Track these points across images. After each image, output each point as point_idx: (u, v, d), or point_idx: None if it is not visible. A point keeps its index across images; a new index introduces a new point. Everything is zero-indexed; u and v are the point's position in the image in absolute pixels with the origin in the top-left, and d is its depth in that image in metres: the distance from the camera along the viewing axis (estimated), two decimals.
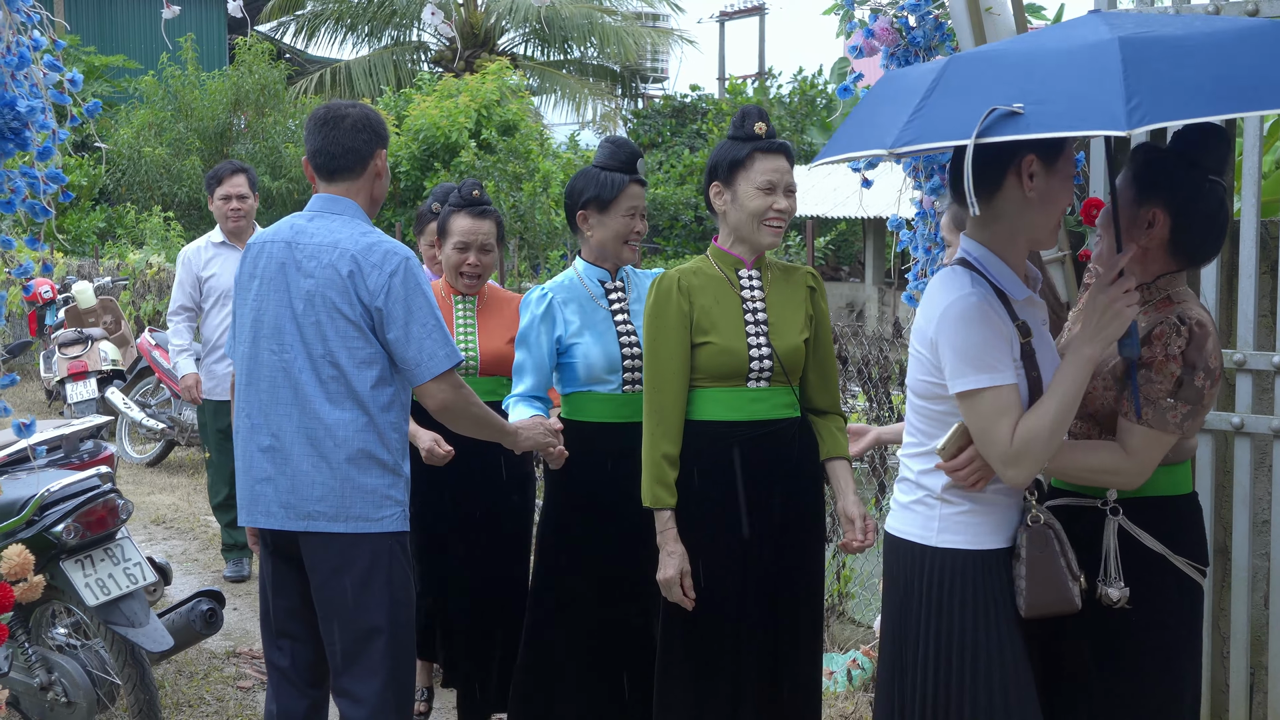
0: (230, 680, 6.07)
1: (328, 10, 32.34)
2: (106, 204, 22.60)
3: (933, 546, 3.13)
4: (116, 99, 25.37)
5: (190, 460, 11.53)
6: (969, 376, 2.99)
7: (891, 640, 3.26)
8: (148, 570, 4.93)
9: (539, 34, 32.07)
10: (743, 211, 3.93)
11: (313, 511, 3.84)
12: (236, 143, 22.78)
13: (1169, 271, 3.20)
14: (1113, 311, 2.96)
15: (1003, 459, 2.98)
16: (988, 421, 2.99)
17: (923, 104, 2.80)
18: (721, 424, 3.93)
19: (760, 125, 3.94)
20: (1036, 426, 2.96)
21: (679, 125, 28.81)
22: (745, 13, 41.72)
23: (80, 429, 5.57)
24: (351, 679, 3.91)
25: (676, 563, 3.87)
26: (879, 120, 2.99)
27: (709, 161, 4.03)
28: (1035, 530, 3.09)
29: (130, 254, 16.41)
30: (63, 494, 4.79)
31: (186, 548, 8.60)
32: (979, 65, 2.85)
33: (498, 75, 22.12)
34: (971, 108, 2.71)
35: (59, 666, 4.87)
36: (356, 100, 4.02)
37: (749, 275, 4.01)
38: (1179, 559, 3.17)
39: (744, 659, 3.92)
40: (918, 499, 3.19)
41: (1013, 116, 2.64)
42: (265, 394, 3.89)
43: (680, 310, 3.91)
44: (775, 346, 3.93)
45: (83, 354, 12.11)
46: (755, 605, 3.92)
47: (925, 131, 2.78)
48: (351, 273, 3.81)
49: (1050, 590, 3.07)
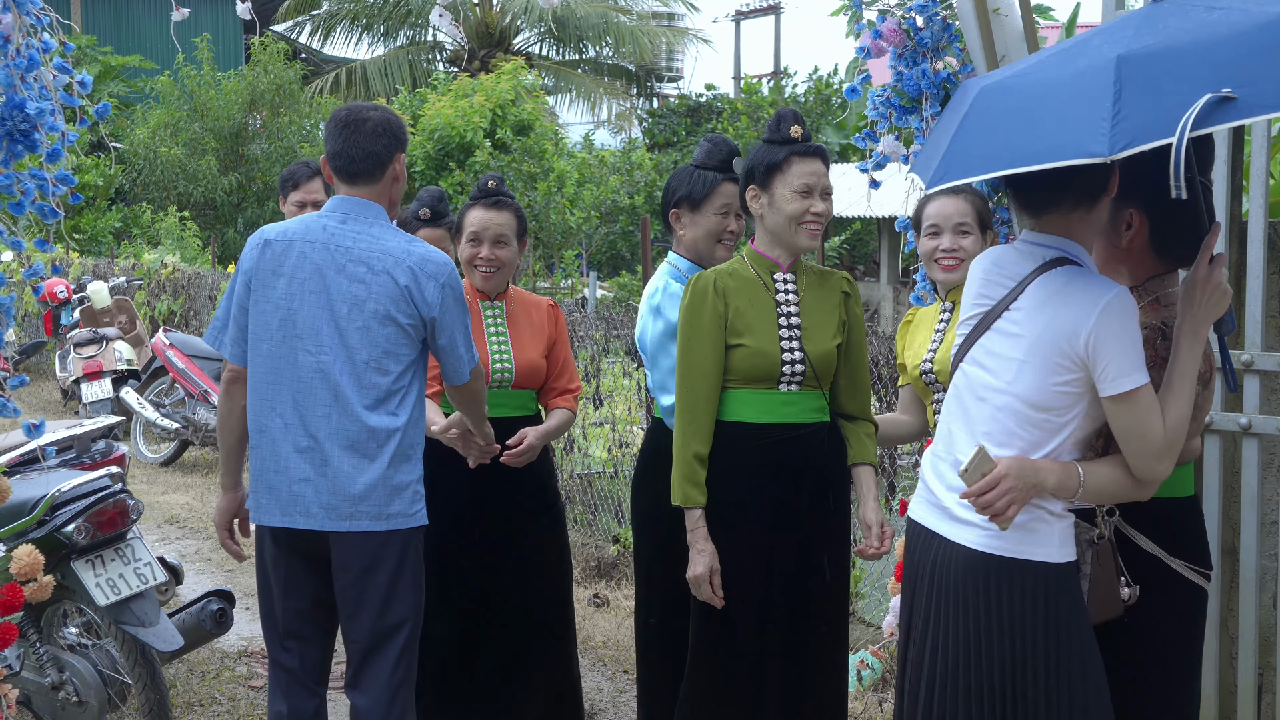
0: (242, 680, 6.09)
1: (343, 10, 32.44)
2: (122, 204, 22.68)
3: (1058, 563, 3.04)
4: (133, 99, 25.46)
5: (205, 460, 11.56)
6: (1134, 374, 2.93)
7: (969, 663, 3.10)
8: (158, 570, 4.95)
9: (554, 34, 32.14)
10: (780, 215, 3.93)
11: (356, 512, 3.88)
12: (252, 143, 22.84)
13: (1158, 273, 3.21)
14: (1216, 296, 2.99)
15: (1158, 453, 2.95)
16: (1145, 418, 2.94)
17: (1119, 104, 2.67)
18: (751, 425, 3.94)
19: (796, 128, 3.94)
20: (1178, 414, 2.96)
21: (694, 125, 28.82)
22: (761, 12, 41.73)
23: (92, 429, 5.59)
24: (369, 675, 3.95)
25: (707, 560, 3.88)
26: (1046, 130, 2.84)
27: (744, 165, 4.03)
28: (1102, 548, 3.10)
29: (145, 254, 16.46)
30: (73, 494, 4.81)
31: (200, 547, 8.62)
32: (1155, 60, 2.73)
33: (512, 75, 22.14)
34: (1178, 102, 2.62)
35: (70, 666, 4.89)
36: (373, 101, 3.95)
37: (784, 279, 4.01)
38: (1176, 561, 3.15)
39: (768, 659, 3.93)
40: (1034, 517, 3.04)
41: (1227, 101, 2.58)
42: (301, 394, 3.91)
43: (716, 311, 3.92)
44: (808, 351, 3.93)
45: (98, 354, 12.18)
46: (780, 606, 3.93)
47: (1142, 131, 2.62)
48: (409, 285, 3.89)
49: (1111, 602, 3.11)
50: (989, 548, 3.06)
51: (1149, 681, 3.18)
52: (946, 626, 3.14)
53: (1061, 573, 3.04)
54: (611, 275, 20.70)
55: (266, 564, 4.05)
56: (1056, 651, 3.00)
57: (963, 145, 3.06)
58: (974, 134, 3.05)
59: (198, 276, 14.76)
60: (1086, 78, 2.77)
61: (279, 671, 4.08)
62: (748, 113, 26.38)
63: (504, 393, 4.64)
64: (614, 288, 17.83)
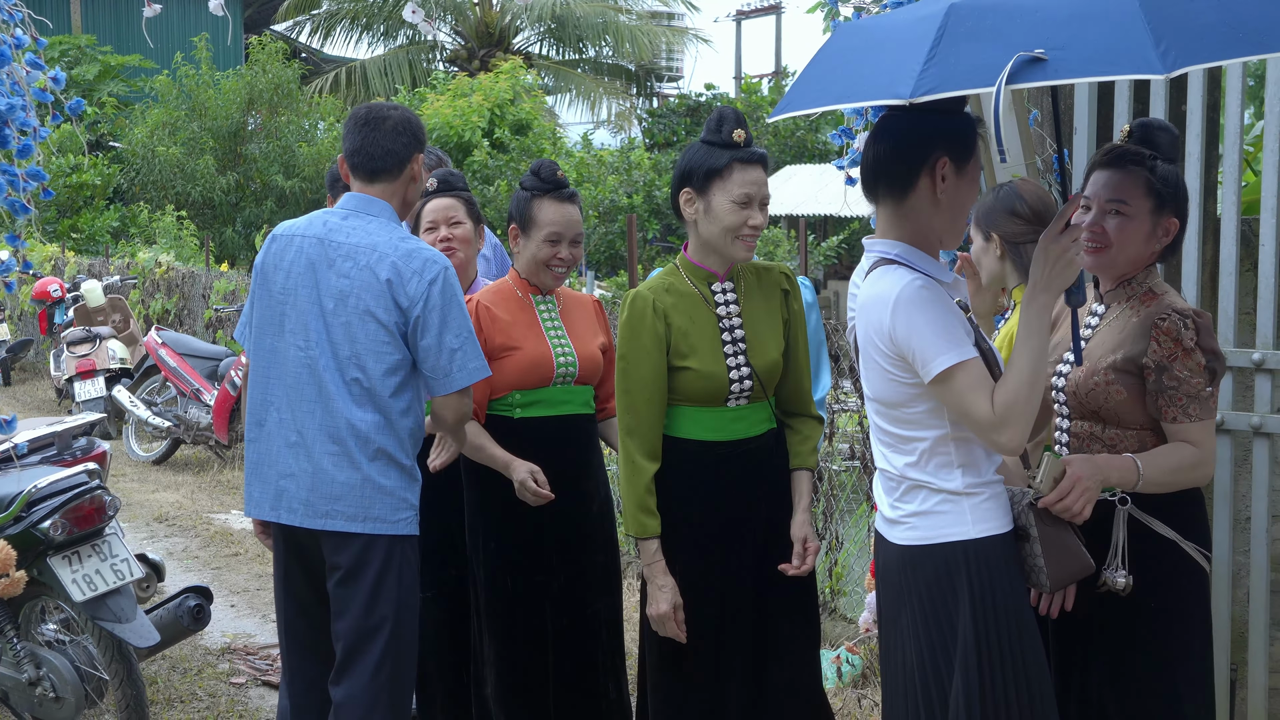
0: (223, 676, 6.08)
1: (343, 10, 32.47)
2: (120, 203, 22.69)
3: (973, 539, 3.04)
4: (132, 98, 25.46)
5: (196, 459, 11.57)
6: (942, 356, 2.95)
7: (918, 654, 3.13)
8: (135, 566, 4.95)
9: (554, 33, 32.15)
10: (716, 225, 3.74)
11: (331, 510, 3.89)
12: (250, 142, 22.85)
13: (1147, 265, 3.34)
14: (1065, 260, 2.95)
15: (990, 427, 2.93)
16: (966, 396, 2.94)
17: (935, 51, 2.72)
18: (700, 443, 3.81)
19: (739, 132, 3.74)
20: (1013, 385, 2.93)
21: (694, 124, 28.82)
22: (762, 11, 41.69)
23: (73, 426, 5.59)
24: (350, 674, 3.96)
25: (669, 596, 3.75)
26: (872, 70, 2.93)
27: (680, 165, 3.82)
28: (1042, 508, 3.10)
29: (140, 253, 16.47)
30: (50, 490, 4.82)
31: (188, 545, 8.62)
32: (984, 13, 2.78)
33: (511, 74, 22.18)
34: (991, 54, 2.66)
35: (47, 662, 4.89)
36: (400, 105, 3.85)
37: (723, 289, 3.86)
38: (1189, 544, 3.23)
39: (726, 681, 3.80)
40: (940, 500, 3.08)
41: (1038, 63, 2.61)
42: (292, 389, 3.92)
43: (655, 332, 3.76)
44: (754, 365, 3.81)
45: (91, 352, 12.20)
46: (740, 624, 3.81)
47: (946, 79, 2.70)
48: (390, 279, 3.84)
49: (1071, 558, 3.10)
50: (907, 540, 3.12)
51: (1172, 664, 3.24)
52: (893, 622, 3.19)
53: (980, 547, 3.04)
54: (610, 275, 20.68)
55: (276, 560, 4.12)
56: (985, 626, 3.01)
57: (808, 76, 3.16)
58: (820, 67, 3.13)
59: (192, 275, 14.76)
60: (920, 24, 2.83)
61: (285, 666, 4.17)
62: (748, 113, 26.41)
63: (567, 389, 4.38)
64: (612, 287, 17.81)
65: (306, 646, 4.10)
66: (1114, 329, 3.32)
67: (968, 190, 3.10)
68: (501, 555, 4.30)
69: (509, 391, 4.30)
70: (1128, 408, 3.25)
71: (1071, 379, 3.34)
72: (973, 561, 3.03)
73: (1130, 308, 3.31)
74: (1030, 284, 2.99)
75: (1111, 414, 3.26)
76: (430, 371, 3.91)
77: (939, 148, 3.03)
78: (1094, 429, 3.31)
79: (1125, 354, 3.24)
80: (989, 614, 3.01)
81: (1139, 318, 3.26)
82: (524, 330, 4.33)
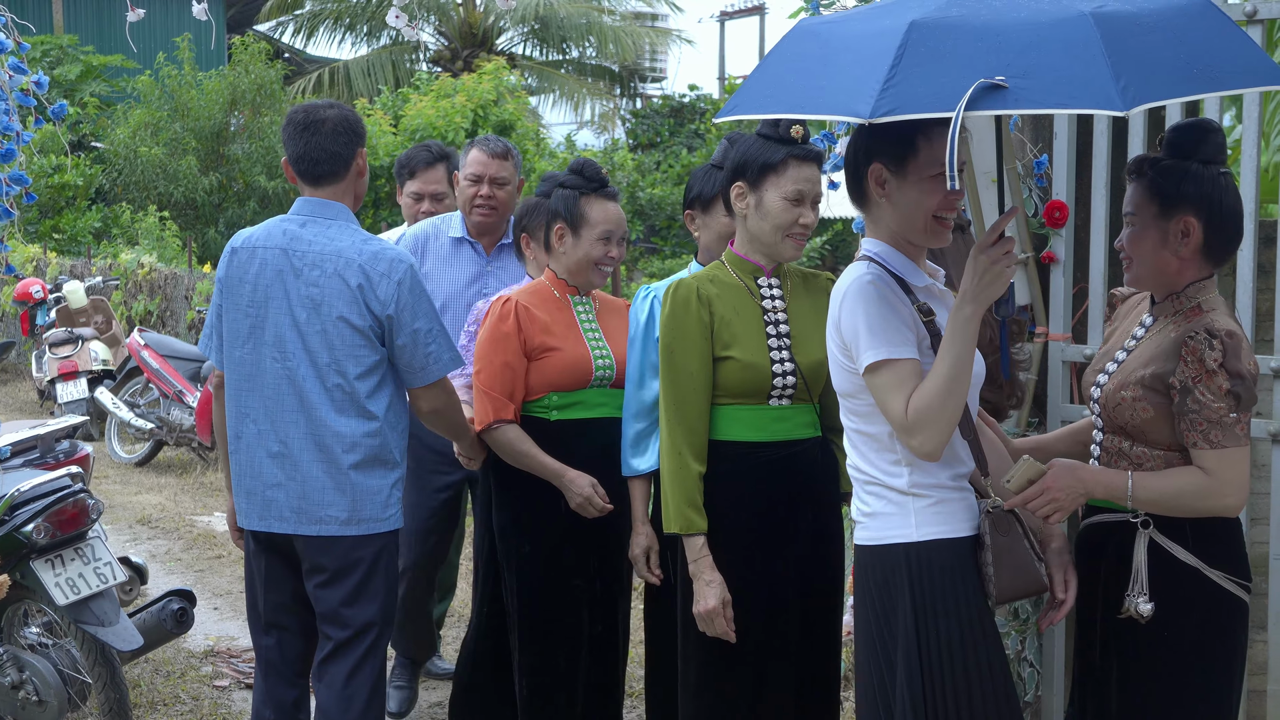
0: (207, 679, 6.09)
1: (326, 10, 32.37)
2: (102, 204, 22.61)
3: (915, 542, 3.06)
4: (115, 98, 25.37)
5: (179, 460, 11.55)
6: (869, 351, 3.01)
7: (873, 659, 3.16)
8: (118, 569, 4.96)
9: (537, 34, 32.09)
10: (767, 221, 3.68)
11: (325, 516, 3.93)
12: (232, 143, 22.78)
13: (1200, 278, 3.20)
14: (994, 272, 2.92)
15: (903, 429, 2.98)
16: (885, 394, 3.00)
17: (895, 71, 2.69)
18: (742, 444, 3.72)
19: (798, 128, 3.65)
20: (929, 390, 2.95)
21: (677, 125, 28.83)
22: (745, 12, 41.69)
23: (56, 429, 5.60)
24: (335, 670, 4.01)
25: (717, 592, 3.64)
26: (829, 83, 2.89)
27: (735, 157, 3.73)
28: (997, 515, 3.08)
29: (123, 254, 16.43)
30: (33, 494, 4.83)
31: (171, 547, 8.62)
32: (946, 33, 2.75)
33: (494, 75, 22.14)
34: (951, 79, 2.64)
35: (30, 665, 4.90)
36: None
37: (769, 284, 3.79)
38: (1215, 572, 3.13)
39: (769, 682, 3.73)
40: (886, 501, 3.12)
41: (998, 90, 2.60)
42: (270, 400, 3.95)
43: (701, 321, 3.68)
44: (799, 361, 3.71)
45: (73, 354, 12.17)
46: (783, 632, 3.73)
47: (905, 102, 2.67)
48: (361, 284, 3.89)
49: (1020, 575, 3.06)
50: (860, 539, 3.20)
51: (1189, 691, 3.16)
52: (859, 623, 3.25)
53: (923, 551, 3.07)
54: None
55: (250, 558, 4.14)
56: (925, 632, 3.03)
57: (759, 80, 3.13)
58: (771, 71, 3.11)
59: (174, 277, 14.73)
60: (881, 38, 2.79)
61: (262, 661, 4.18)
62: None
63: (604, 391, 4.31)
64: None
65: (283, 641, 4.14)
66: (1153, 344, 3.21)
67: (916, 190, 3.08)
68: (537, 561, 4.26)
69: (547, 393, 4.26)
70: (1154, 426, 3.15)
71: (1105, 391, 3.27)
72: (914, 565, 3.06)
73: (1173, 323, 3.18)
74: (960, 293, 2.97)
75: (1138, 431, 3.17)
76: (405, 368, 3.99)
77: (872, 156, 3.10)
78: (1123, 445, 3.24)
79: (1155, 370, 3.13)
80: (929, 619, 3.04)
81: (1177, 333, 3.13)
82: (563, 331, 4.29)
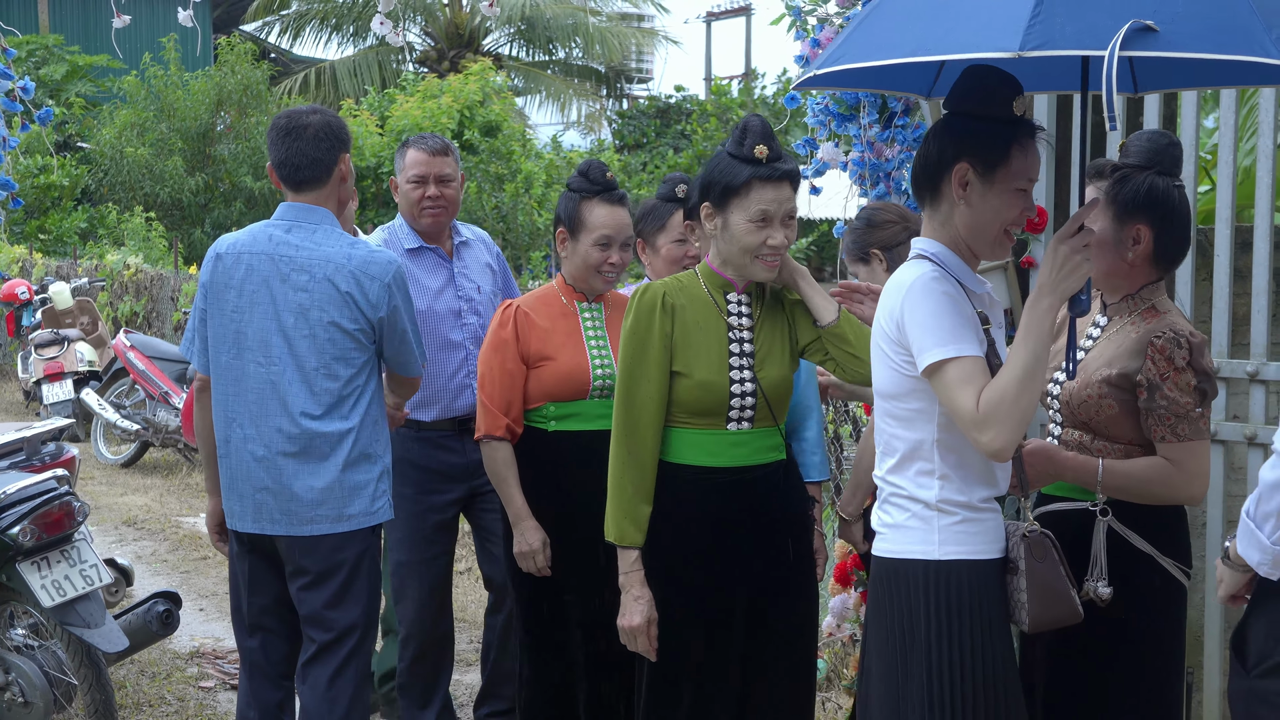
0: (192, 680, 6.11)
1: (313, 10, 32.34)
2: (88, 204, 22.57)
3: (936, 560, 3.00)
4: (100, 98, 25.32)
5: (165, 461, 11.56)
6: (937, 349, 2.90)
7: (888, 671, 3.10)
8: (104, 571, 4.98)
9: (524, 34, 32.09)
10: (734, 244, 3.53)
11: (315, 516, 3.97)
12: (219, 143, 22.76)
13: (1150, 281, 3.34)
14: (1072, 264, 2.87)
15: (973, 424, 2.84)
16: (954, 389, 2.87)
17: (1040, 6, 2.58)
18: (694, 468, 3.58)
19: (762, 148, 3.46)
20: (1003, 383, 2.84)
21: (663, 126, 28.87)
22: (731, 13, 41.72)
23: (42, 432, 5.60)
24: (319, 671, 4.04)
25: (644, 609, 3.56)
26: (959, 22, 2.75)
27: (702, 176, 3.60)
28: (1034, 540, 3.02)
29: (109, 255, 16.42)
30: (19, 496, 4.84)
31: (157, 548, 8.63)
32: None
33: (480, 76, 22.16)
34: (1101, 16, 2.57)
35: (16, 667, 4.91)
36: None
37: (738, 300, 3.63)
38: (1166, 560, 3.26)
39: (713, 703, 3.62)
40: (910, 514, 3.04)
41: (1150, 33, 2.54)
42: (254, 405, 3.98)
43: (663, 332, 3.55)
44: (760, 379, 3.56)
45: (59, 355, 12.18)
46: (726, 655, 3.61)
47: (1055, 37, 2.57)
48: (351, 291, 3.93)
49: (1057, 603, 3.01)
50: (879, 551, 3.13)
51: (1144, 681, 3.27)
52: (871, 633, 3.21)
53: (943, 569, 2.99)
54: None
55: (234, 560, 4.18)
56: (940, 654, 2.98)
57: (866, 33, 2.99)
58: (883, 22, 2.95)
59: (160, 278, 14.74)
60: None
61: (245, 662, 4.21)
62: (717, 114, 26.46)
63: (604, 403, 4.10)
64: None
65: (267, 643, 4.17)
66: (1113, 343, 3.33)
67: (999, 199, 3.01)
68: (529, 576, 4.20)
69: (544, 403, 4.19)
70: (1117, 422, 3.28)
71: (1066, 388, 3.37)
72: (933, 584, 2.99)
73: (1131, 323, 3.33)
74: (1037, 284, 2.92)
75: (1101, 426, 3.30)
76: (402, 367, 4.15)
77: (962, 154, 2.99)
78: (1084, 439, 3.35)
79: (1120, 369, 3.25)
80: (945, 642, 2.98)
81: (1138, 334, 3.27)
82: (562, 339, 4.21)
